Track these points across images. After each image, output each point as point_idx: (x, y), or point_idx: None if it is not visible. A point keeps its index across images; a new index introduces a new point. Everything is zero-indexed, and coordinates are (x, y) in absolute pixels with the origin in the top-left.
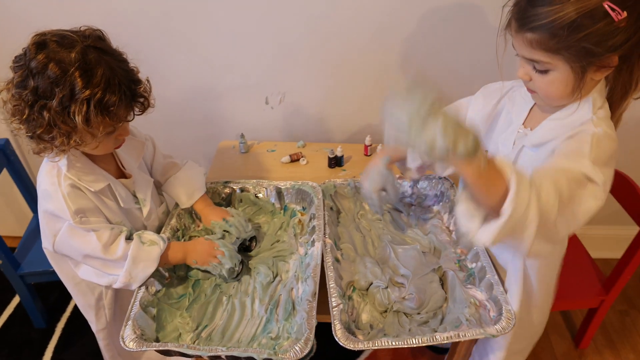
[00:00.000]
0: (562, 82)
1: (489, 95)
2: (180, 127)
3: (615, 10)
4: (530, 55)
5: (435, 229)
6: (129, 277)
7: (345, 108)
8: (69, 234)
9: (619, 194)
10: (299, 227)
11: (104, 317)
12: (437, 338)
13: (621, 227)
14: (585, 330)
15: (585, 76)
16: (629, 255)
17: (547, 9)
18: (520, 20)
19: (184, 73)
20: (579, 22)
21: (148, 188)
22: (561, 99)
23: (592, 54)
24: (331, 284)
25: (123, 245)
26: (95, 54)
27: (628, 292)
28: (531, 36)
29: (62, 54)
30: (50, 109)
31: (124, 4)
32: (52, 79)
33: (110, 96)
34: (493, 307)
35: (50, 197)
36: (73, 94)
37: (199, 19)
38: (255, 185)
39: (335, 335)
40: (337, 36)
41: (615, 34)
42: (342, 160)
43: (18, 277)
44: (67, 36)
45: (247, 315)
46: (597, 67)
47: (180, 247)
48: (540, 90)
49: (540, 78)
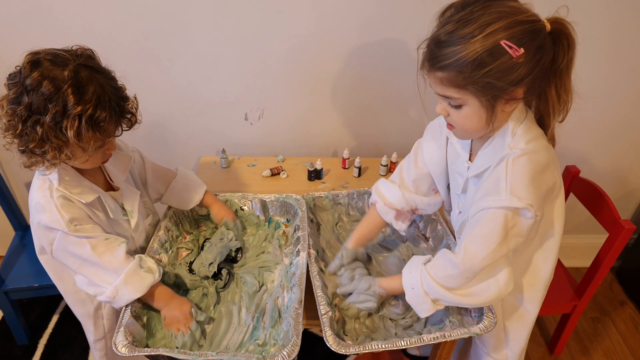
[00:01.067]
0: (474, 115)
1: (436, 134)
2: (162, 144)
3: (512, 47)
4: (443, 92)
5: (412, 237)
6: (115, 293)
7: (323, 123)
8: (65, 241)
9: (589, 202)
10: (283, 239)
11: (102, 327)
12: (424, 339)
13: (592, 236)
14: (559, 336)
15: (495, 109)
16: (600, 260)
17: (452, 49)
18: (430, 60)
19: (164, 91)
20: (481, 60)
21: (135, 200)
22: (477, 131)
23: (496, 87)
24: (318, 293)
25: (121, 255)
26: (86, 72)
27: (599, 299)
28: (441, 74)
29: (56, 71)
30: (44, 124)
31: (104, 24)
32: (46, 95)
33: (100, 112)
34: (474, 309)
35: (44, 209)
36: (65, 110)
37: (177, 38)
38: (240, 198)
39: (327, 341)
40: (315, 54)
41: (516, 69)
42: (321, 173)
43: (2, 294)
44: (60, 55)
45: (234, 323)
46: (505, 100)
47: (166, 296)
48: (457, 125)
49: (455, 113)
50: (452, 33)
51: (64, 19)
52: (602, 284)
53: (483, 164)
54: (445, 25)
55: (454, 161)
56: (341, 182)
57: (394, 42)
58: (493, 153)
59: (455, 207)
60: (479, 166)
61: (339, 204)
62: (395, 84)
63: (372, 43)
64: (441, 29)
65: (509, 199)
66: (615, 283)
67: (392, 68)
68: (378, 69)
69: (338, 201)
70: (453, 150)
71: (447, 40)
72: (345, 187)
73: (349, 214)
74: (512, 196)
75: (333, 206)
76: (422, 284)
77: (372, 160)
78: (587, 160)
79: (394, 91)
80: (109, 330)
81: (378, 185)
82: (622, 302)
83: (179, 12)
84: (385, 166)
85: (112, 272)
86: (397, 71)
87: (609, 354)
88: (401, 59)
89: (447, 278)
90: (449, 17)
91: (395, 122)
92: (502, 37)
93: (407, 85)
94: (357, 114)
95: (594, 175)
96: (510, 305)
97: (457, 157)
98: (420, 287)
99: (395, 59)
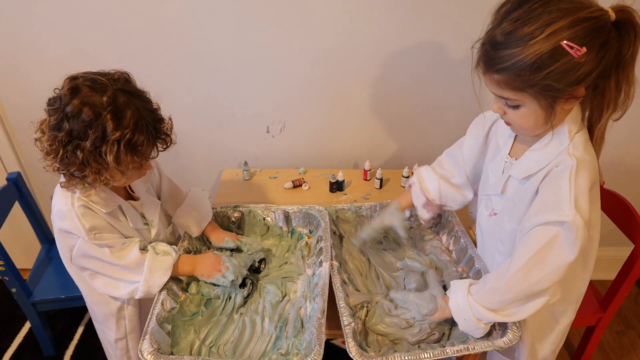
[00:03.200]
0: (532, 115)
1: (477, 131)
2: (184, 157)
3: (573, 47)
4: (500, 93)
5: (435, 249)
6: (148, 285)
7: (344, 135)
8: (85, 246)
9: (614, 214)
10: (306, 250)
11: (124, 327)
12: (447, 352)
13: (617, 249)
14: (584, 349)
15: (554, 108)
16: (625, 272)
17: (510, 51)
18: (486, 62)
19: (187, 105)
20: (540, 62)
21: (156, 210)
22: (534, 129)
23: (556, 89)
24: (341, 304)
25: (136, 252)
26: (124, 97)
27: (624, 312)
28: (498, 77)
29: (95, 98)
30: (84, 149)
31: (129, 43)
32: (86, 122)
33: (138, 136)
34: (498, 322)
35: (65, 216)
36: (105, 135)
37: (200, 53)
38: (263, 209)
39: (350, 352)
40: (336, 67)
41: (577, 68)
42: (343, 185)
43: (30, 305)
44: (98, 80)
45: (257, 332)
46: (564, 99)
47: (189, 260)
48: (514, 123)
49: (512, 112)
50: (510, 34)
51: (87, 35)
52: (628, 297)
53: (533, 166)
54: (502, 24)
55: (492, 158)
56: (363, 194)
57: (416, 55)
58: (546, 155)
59: (484, 208)
60: (527, 168)
61: (362, 216)
62: (416, 97)
63: (393, 56)
64: (497, 28)
65: (574, 214)
66: None
67: (413, 81)
68: (399, 82)
69: (361, 213)
70: (495, 146)
71: (504, 42)
72: (367, 198)
73: None
74: (577, 211)
75: (356, 218)
76: (473, 314)
77: (394, 172)
78: (612, 167)
79: (414, 103)
80: (131, 332)
81: (421, 170)
82: None
83: (201, 27)
84: (407, 177)
85: (134, 269)
86: (418, 84)
87: None
88: (422, 71)
89: (497, 303)
90: (505, 14)
91: (416, 133)
92: (564, 37)
93: (428, 97)
94: (378, 126)
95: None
96: (544, 317)
97: (497, 152)
98: (472, 317)
99: (416, 72)
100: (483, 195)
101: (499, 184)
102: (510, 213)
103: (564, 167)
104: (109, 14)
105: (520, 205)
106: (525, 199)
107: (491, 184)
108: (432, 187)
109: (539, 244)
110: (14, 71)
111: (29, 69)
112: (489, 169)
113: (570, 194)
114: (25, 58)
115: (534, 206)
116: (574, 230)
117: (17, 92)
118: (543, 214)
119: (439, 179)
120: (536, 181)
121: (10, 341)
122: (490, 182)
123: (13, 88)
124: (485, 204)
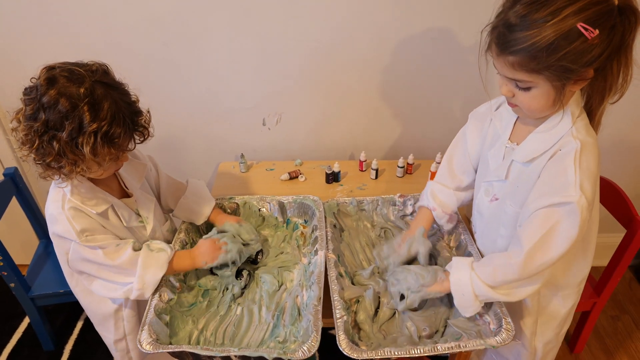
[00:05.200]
0: (543, 97)
1: (480, 119)
2: (181, 150)
3: (588, 29)
4: (513, 76)
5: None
6: (142, 282)
7: (340, 127)
8: (78, 249)
9: (607, 200)
10: (301, 239)
11: (122, 328)
12: (438, 348)
13: (611, 235)
14: (579, 334)
15: (564, 89)
16: (617, 257)
17: (525, 34)
18: (500, 45)
19: (183, 98)
20: (556, 44)
21: (150, 206)
22: (543, 111)
23: (570, 70)
24: (335, 297)
25: (130, 252)
26: (102, 89)
27: (619, 297)
28: (512, 59)
29: (72, 89)
30: (60, 140)
31: (124, 34)
32: (62, 113)
33: (115, 129)
34: (493, 320)
35: (57, 220)
36: (81, 126)
37: (196, 46)
38: (258, 200)
39: (340, 345)
40: (332, 59)
41: (590, 50)
42: (339, 176)
43: (29, 300)
44: (75, 71)
45: (254, 321)
46: (574, 81)
47: (186, 254)
48: (523, 105)
49: (523, 94)
50: (525, 17)
51: (83, 28)
52: (622, 282)
53: (536, 149)
54: (515, 7)
55: (492, 145)
56: (358, 185)
57: (410, 47)
58: (550, 138)
59: (484, 195)
60: (532, 151)
61: (363, 210)
62: (410, 88)
63: (388, 48)
64: (510, 10)
65: (579, 195)
66: (634, 282)
67: (408, 72)
68: (393, 73)
69: (362, 207)
70: (494, 131)
71: (519, 24)
72: (362, 189)
73: (372, 219)
74: (582, 192)
75: (357, 212)
76: (474, 289)
77: (389, 162)
78: (609, 156)
79: (409, 95)
80: (130, 332)
81: (435, 192)
82: None
83: (197, 20)
84: (402, 167)
85: (128, 270)
86: (412, 75)
87: (629, 351)
88: (417, 62)
89: (500, 282)
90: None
91: (411, 124)
92: (578, 19)
93: (423, 89)
94: (374, 117)
95: (612, 171)
96: (548, 300)
97: (497, 139)
98: (471, 292)
99: (411, 64)
100: (483, 182)
101: (502, 169)
102: (513, 197)
103: (568, 150)
104: (105, 8)
105: (522, 188)
106: (528, 182)
107: (492, 170)
108: (452, 203)
109: (545, 228)
110: (9, 66)
111: (25, 63)
112: (489, 156)
113: (575, 176)
114: (21, 53)
115: (538, 188)
116: (578, 210)
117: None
118: (548, 196)
119: (454, 192)
120: (540, 164)
121: (10, 337)
122: (491, 169)
123: (8, 83)
124: (486, 190)
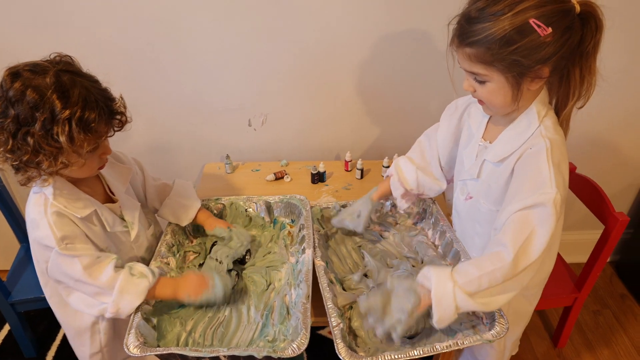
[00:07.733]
0: (500, 91)
1: (451, 116)
2: (167, 151)
3: (540, 26)
4: (470, 68)
5: (421, 244)
6: (116, 308)
7: (325, 127)
8: (58, 260)
9: (586, 197)
10: (288, 239)
11: (99, 341)
12: (437, 348)
13: (591, 232)
14: (562, 329)
15: (520, 86)
16: (597, 252)
17: (482, 25)
18: (460, 36)
19: (169, 99)
20: (510, 37)
21: (135, 211)
22: (503, 107)
23: (522, 65)
24: (329, 305)
25: (110, 272)
26: (68, 76)
27: (600, 293)
28: (470, 50)
29: (37, 80)
30: (34, 134)
31: (110, 34)
32: (31, 104)
33: (89, 113)
34: (486, 315)
35: (38, 225)
36: (54, 115)
37: (182, 46)
38: (245, 200)
39: (339, 353)
40: (317, 60)
41: (543, 47)
42: (324, 176)
43: (9, 305)
44: (38, 64)
45: (243, 321)
46: (530, 78)
47: (170, 282)
48: (485, 100)
49: (481, 88)
50: (483, 10)
51: (67, 28)
52: (603, 278)
53: (507, 149)
54: (477, 2)
55: (467, 144)
56: (344, 184)
57: (396, 49)
58: (518, 137)
59: (460, 193)
60: (502, 151)
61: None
62: (395, 89)
63: (374, 50)
64: (472, 5)
65: (555, 192)
66: (615, 277)
67: (393, 73)
68: (378, 74)
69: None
70: (468, 131)
71: (477, 17)
72: (348, 189)
73: None
74: (557, 189)
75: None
76: (457, 302)
77: (374, 162)
78: (586, 154)
79: (394, 95)
80: (106, 344)
81: (399, 161)
82: (622, 295)
83: (183, 20)
84: (387, 167)
85: (106, 289)
86: (398, 76)
87: (610, 345)
88: (402, 63)
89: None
90: None
91: (396, 124)
92: (531, 15)
93: (408, 89)
94: (359, 118)
95: (592, 170)
96: (519, 302)
97: (471, 138)
98: (454, 306)
99: (396, 64)
100: (459, 180)
101: (474, 168)
102: (486, 195)
103: (538, 149)
104: (89, 7)
105: (495, 186)
106: (500, 181)
107: (466, 169)
108: (411, 178)
109: (525, 233)
110: None
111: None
112: (464, 154)
113: (550, 173)
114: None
115: (513, 189)
116: (553, 207)
117: None
118: (524, 197)
119: (417, 169)
120: (510, 163)
121: None
122: (465, 167)
123: None
124: (461, 188)
